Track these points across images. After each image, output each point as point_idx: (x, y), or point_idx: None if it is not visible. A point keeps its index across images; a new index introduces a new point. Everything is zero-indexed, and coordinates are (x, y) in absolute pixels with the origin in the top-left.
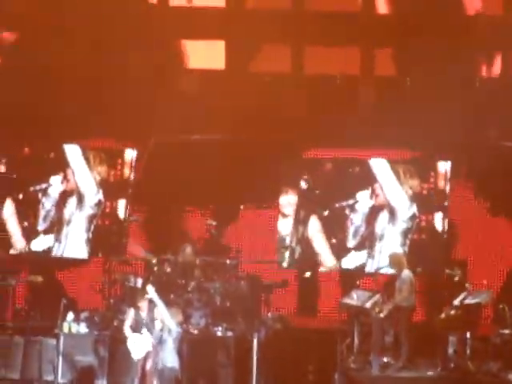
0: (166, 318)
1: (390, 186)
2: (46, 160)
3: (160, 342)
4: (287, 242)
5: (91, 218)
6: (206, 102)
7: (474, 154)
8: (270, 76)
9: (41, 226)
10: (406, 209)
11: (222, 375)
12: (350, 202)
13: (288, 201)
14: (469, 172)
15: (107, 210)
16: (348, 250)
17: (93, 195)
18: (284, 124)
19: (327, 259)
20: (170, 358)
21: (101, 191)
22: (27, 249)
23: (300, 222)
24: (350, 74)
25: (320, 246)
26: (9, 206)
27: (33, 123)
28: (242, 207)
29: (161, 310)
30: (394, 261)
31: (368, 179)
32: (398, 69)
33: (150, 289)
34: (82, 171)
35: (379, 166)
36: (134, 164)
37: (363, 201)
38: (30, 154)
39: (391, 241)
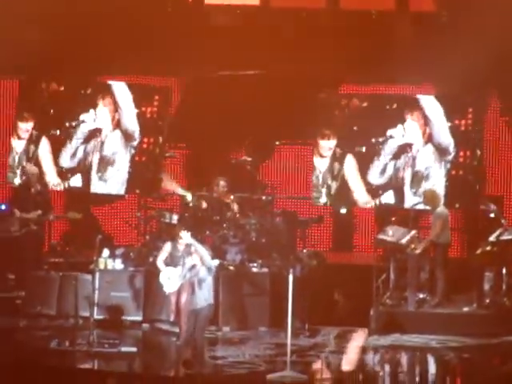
0: (206, 258)
1: (434, 122)
2: (82, 96)
3: (199, 280)
4: (323, 178)
5: (128, 155)
6: (241, 37)
7: (509, 90)
8: (306, 11)
9: (76, 163)
10: (447, 145)
11: (257, 310)
12: (387, 137)
13: (328, 145)
14: (504, 107)
15: (144, 146)
16: (383, 187)
17: (130, 131)
18: (320, 59)
19: (363, 196)
20: (207, 296)
21: (138, 127)
22: (65, 185)
23: (336, 159)
24: (385, 9)
25: (355, 183)
26: (45, 144)
27: (69, 59)
28: (277, 143)
29: (199, 250)
30: (429, 197)
31: (404, 116)
32: (436, 4)
33: (185, 234)
34: (121, 107)
35: (423, 102)
36: (170, 100)
37: (400, 137)
38: (65, 90)
39: (431, 177)
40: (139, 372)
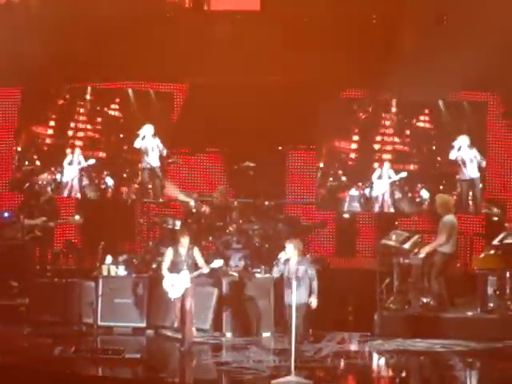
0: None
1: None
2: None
3: (297, 278)
4: (326, 183)
5: (131, 161)
6: (242, 43)
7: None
8: (307, 17)
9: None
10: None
11: (261, 316)
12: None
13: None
14: (507, 110)
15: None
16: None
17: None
18: (321, 65)
19: (363, 202)
20: (303, 295)
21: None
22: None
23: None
24: (387, 15)
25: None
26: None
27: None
28: (280, 148)
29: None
30: (441, 203)
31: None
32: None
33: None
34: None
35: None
36: (172, 106)
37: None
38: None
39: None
40: (143, 378)
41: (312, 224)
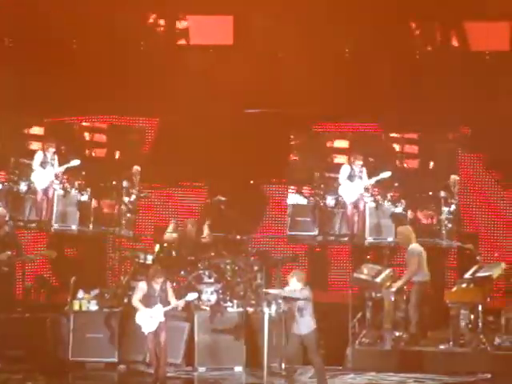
0: (297, 295)
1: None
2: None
3: (299, 309)
4: (298, 216)
5: (101, 195)
6: (214, 77)
7: (483, 127)
8: (281, 51)
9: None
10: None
11: (233, 350)
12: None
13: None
14: (479, 144)
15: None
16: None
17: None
18: (294, 98)
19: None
20: (309, 323)
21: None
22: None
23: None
24: (360, 48)
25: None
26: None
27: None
28: (252, 182)
29: (288, 295)
30: (402, 235)
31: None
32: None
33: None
34: (91, 149)
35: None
36: (144, 140)
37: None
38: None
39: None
40: None
41: (283, 257)
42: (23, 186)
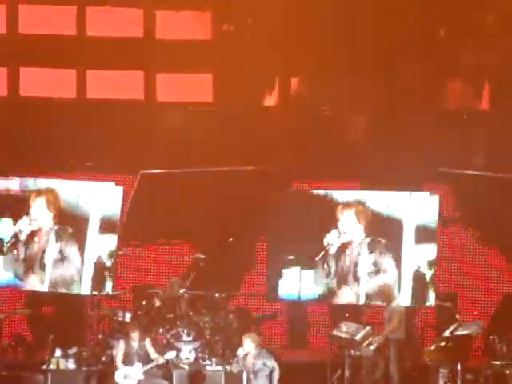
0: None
1: (381, 220)
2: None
3: (255, 371)
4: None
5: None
6: (192, 135)
7: (461, 185)
8: (258, 109)
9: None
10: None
11: None
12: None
13: None
14: (458, 203)
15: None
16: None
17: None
18: (272, 156)
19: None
20: None
21: (89, 226)
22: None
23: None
24: (338, 106)
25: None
26: None
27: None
28: (230, 239)
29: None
30: (384, 293)
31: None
32: (385, 104)
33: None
34: (68, 207)
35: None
36: (121, 199)
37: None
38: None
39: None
40: None
41: (263, 316)
42: None
